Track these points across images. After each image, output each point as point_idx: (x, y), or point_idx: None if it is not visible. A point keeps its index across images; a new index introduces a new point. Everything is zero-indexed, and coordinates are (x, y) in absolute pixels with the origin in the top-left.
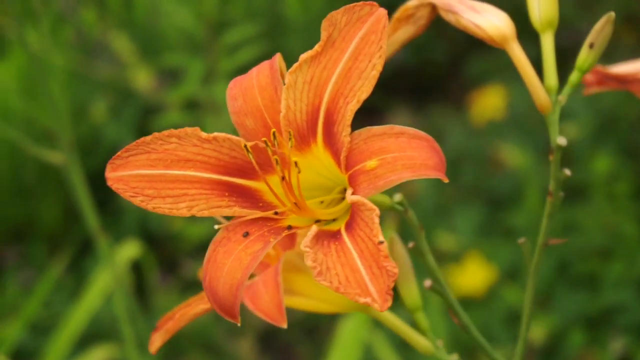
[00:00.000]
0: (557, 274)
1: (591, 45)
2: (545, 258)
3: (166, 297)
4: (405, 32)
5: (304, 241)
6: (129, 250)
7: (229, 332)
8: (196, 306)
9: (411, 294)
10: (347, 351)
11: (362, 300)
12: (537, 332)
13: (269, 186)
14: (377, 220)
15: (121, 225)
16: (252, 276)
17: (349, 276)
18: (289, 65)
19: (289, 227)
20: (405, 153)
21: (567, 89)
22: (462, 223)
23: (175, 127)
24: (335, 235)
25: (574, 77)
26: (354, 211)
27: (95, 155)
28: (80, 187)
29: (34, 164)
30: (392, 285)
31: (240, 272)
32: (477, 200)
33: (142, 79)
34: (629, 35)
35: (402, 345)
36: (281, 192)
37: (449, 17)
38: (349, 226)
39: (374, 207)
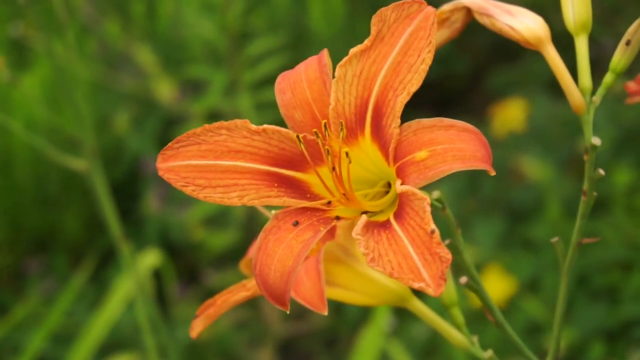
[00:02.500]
0: (577, 286)
1: (628, 43)
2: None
3: (186, 308)
4: (441, 36)
5: (355, 229)
6: (150, 258)
7: (249, 342)
8: (237, 293)
9: (447, 289)
10: None
11: (416, 285)
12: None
13: (319, 176)
14: (428, 209)
15: (142, 235)
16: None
17: (402, 263)
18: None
19: (337, 218)
20: (455, 145)
21: (601, 90)
22: (482, 235)
23: None
24: (384, 225)
25: (608, 78)
26: (402, 201)
27: (118, 166)
28: (103, 194)
29: (57, 174)
30: (445, 270)
31: (291, 260)
32: (497, 212)
33: (165, 90)
34: None
35: (421, 356)
36: (330, 183)
37: (483, 20)
38: (398, 216)
39: (425, 196)
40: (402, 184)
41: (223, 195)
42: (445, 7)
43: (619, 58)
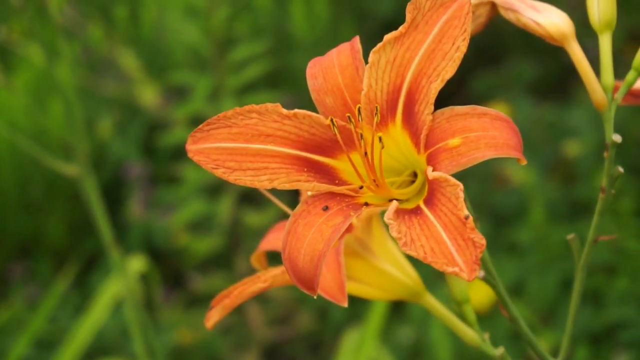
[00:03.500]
0: (561, 289)
1: None
2: (549, 274)
3: (171, 313)
4: None
5: (387, 214)
6: (135, 264)
7: (233, 347)
8: (253, 284)
9: (460, 286)
10: None
11: (450, 269)
12: (542, 347)
13: (351, 162)
14: (461, 194)
15: (126, 241)
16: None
17: (434, 247)
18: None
19: (366, 204)
20: (489, 132)
21: (623, 88)
22: None
23: (182, 144)
24: (414, 212)
25: (630, 76)
26: (433, 188)
27: (102, 171)
28: (94, 199)
29: (41, 179)
30: (480, 255)
31: (322, 244)
32: (481, 216)
33: (149, 96)
34: (632, 52)
35: None
36: (361, 169)
37: (509, 15)
38: (428, 202)
39: (458, 182)
40: (433, 171)
41: (253, 178)
42: (471, 2)
43: None
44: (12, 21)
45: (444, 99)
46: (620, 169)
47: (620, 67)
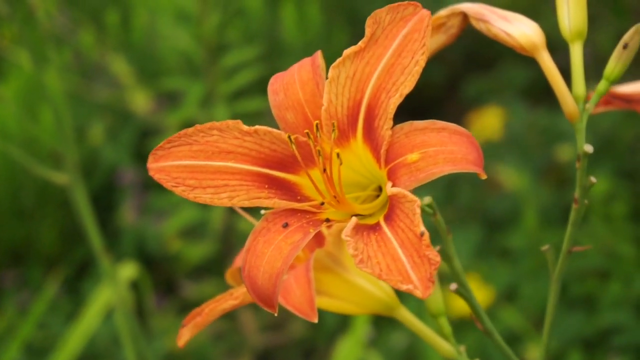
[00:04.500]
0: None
1: (625, 46)
2: (542, 279)
3: (163, 319)
4: (437, 41)
5: (345, 230)
6: (127, 270)
7: (226, 353)
8: (225, 302)
9: (435, 298)
10: None
11: (404, 287)
12: (534, 353)
13: (310, 178)
14: (418, 211)
15: (118, 247)
16: None
17: (390, 264)
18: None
19: (327, 220)
20: (447, 147)
21: (594, 98)
22: (459, 244)
23: None
24: (373, 228)
25: (601, 86)
26: (393, 204)
27: (93, 177)
28: (84, 207)
29: (33, 186)
30: (434, 272)
31: (280, 261)
32: (474, 221)
33: (140, 101)
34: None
35: None
36: (321, 185)
37: (479, 26)
38: (388, 218)
39: (416, 198)
40: (393, 186)
41: (213, 196)
42: (442, 12)
43: (614, 65)
44: (2, 28)
45: (436, 104)
46: (593, 179)
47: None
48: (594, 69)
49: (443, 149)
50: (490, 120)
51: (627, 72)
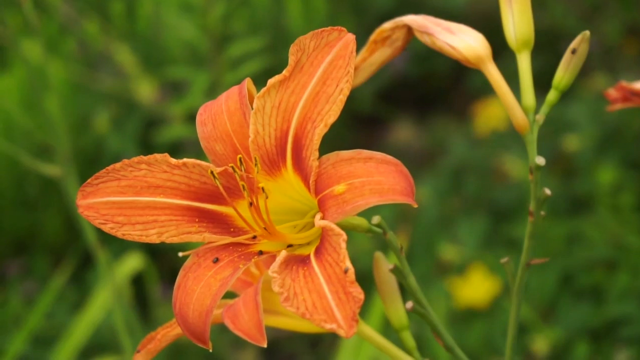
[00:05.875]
0: (561, 286)
1: (574, 51)
2: (549, 270)
3: (168, 309)
4: (382, 54)
5: (272, 266)
6: (132, 262)
7: (232, 343)
8: (177, 327)
9: (397, 313)
10: None
11: (327, 326)
12: (541, 344)
13: (237, 212)
14: (344, 245)
15: None
16: (234, 295)
17: (316, 302)
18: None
19: (260, 253)
20: (373, 178)
21: (544, 108)
22: (465, 234)
23: (180, 140)
24: (304, 260)
25: (551, 96)
26: (323, 236)
27: (98, 167)
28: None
29: (37, 176)
30: (357, 311)
31: (209, 299)
32: (480, 212)
33: (145, 91)
34: (630, 46)
35: None
36: (249, 217)
37: (424, 39)
38: (318, 251)
39: (342, 232)
40: (322, 218)
41: (142, 232)
42: (386, 26)
43: (563, 73)
44: (8, 16)
45: (441, 94)
46: (547, 192)
47: (620, 62)
48: (601, 60)
49: (369, 179)
50: (496, 111)
51: None
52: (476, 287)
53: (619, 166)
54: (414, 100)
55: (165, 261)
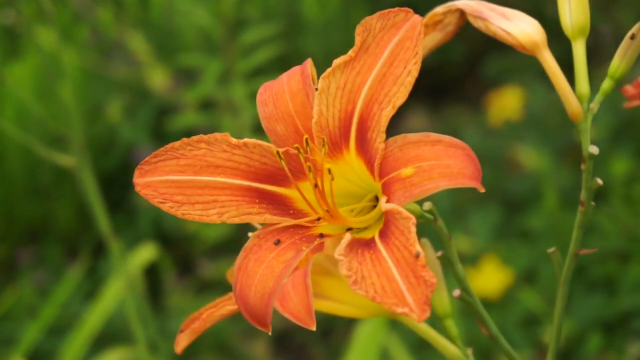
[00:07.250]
0: (574, 277)
1: (633, 37)
2: (561, 261)
3: (181, 298)
4: (433, 39)
5: (338, 249)
6: (146, 252)
7: (243, 333)
8: (223, 307)
9: (441, 301)
10: (364, 354)
11: (399, 310)
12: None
13: (301, 193)
14: (413, 229)
15: (136, 225)
16: None
17: (385, 285)
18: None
19: (321, 235)
20: (442, 161)
21: (598, 97)
22: (478, 225)
23: (193, 128)
24: (369, 244)
25: (606, 85)
26: (388, 219)
27: (110, 155)
28: (91, 192)
29: (50, 165)
30: (430, 295)
31: (272, 281)
32: (493, 202)
33: (158, 79)
34: None
35: (417, 349)
36: (313, 199)
37: (478, 24)
38: (383, 234)
39: (411, 215)
40: (387, 201)
41: (202, 212)
42: (439, 10)
43: (619, 61)
44: (22, 4)
45: (455, 83)
46: (599, 181)
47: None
48: (616, 49)
49: (438, 163)
50: (510, 100)
51: None
52: (489, 278)
53: (633, 156)
54: (427, 89)
55: (178, 250)
